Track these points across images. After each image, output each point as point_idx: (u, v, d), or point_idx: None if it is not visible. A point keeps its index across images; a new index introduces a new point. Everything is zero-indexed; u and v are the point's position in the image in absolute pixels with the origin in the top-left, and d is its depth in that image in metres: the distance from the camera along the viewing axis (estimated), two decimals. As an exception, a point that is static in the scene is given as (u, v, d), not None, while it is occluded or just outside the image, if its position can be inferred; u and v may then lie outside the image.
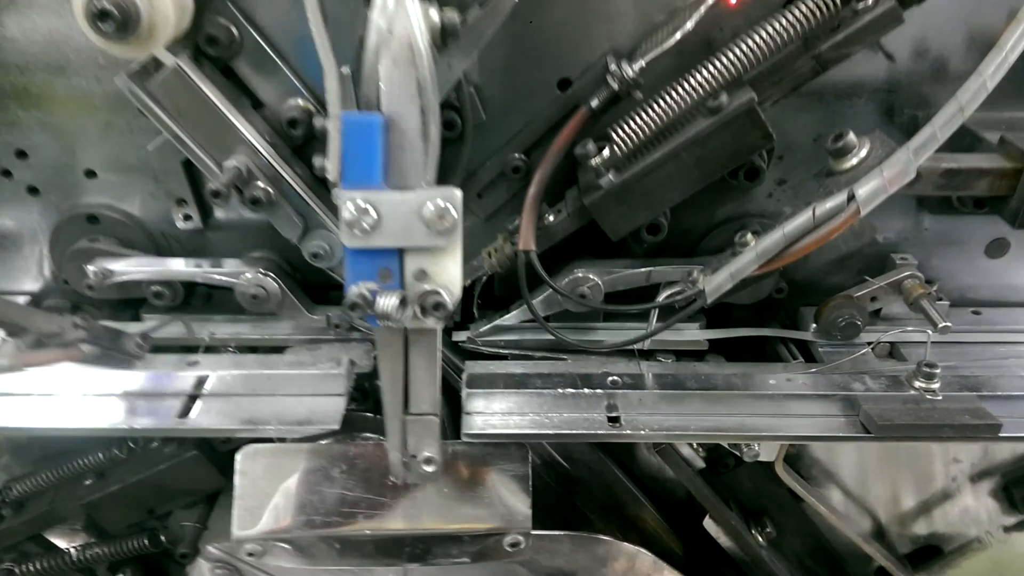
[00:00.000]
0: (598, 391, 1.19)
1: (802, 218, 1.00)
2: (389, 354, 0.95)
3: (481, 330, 1.30)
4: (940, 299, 1.31)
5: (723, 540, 1.57)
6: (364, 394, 1.33)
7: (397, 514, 1.17)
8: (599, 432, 1.13)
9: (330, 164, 0.89)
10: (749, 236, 1.09)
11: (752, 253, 1.03)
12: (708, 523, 1.53)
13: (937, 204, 1.26)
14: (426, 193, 0.87)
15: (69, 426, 1.13)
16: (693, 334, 1.32)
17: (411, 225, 0.88)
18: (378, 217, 0.87)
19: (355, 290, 0.86)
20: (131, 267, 1.25)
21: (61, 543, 1.53)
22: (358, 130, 0.88)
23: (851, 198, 0.96)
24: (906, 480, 1.57)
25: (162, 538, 1.47)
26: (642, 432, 1.13)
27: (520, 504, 1.18)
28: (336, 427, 1.14)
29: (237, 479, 1.16)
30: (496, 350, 1.31)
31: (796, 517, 1.59)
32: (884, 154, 0.99)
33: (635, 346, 1.24)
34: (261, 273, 1.23)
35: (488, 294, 1.37)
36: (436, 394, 0.99)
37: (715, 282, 1.07)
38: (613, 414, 1.15)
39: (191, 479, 1.38)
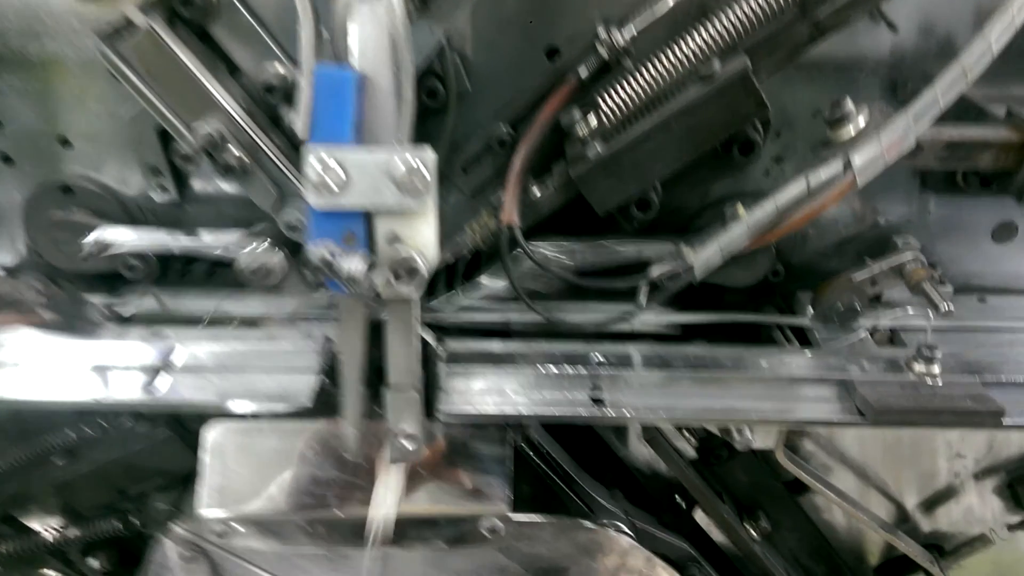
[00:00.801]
0: (582, 371, 1.14)
1: (795, 188, 0.95)
2: (351, 324, 0.90)
3: (459, 306, 1.25)
4: (943, 284, 1.25)
5: (715, 534, 1.52)
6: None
7: (370, 496, 1.12)
8: (582, 414, 1.08)
9: (298, 118, 0.84)
10: (740, 208, 1.04)
11: (743, 226, 0.98)
12: (699, 515, 1.48)
13: (941, 183, 1.20)
14: (397, 152, 0.83)
15: (29, 398, 1.09)
16: (681, 318, 1.26)
17: (381, 185, 0.83)
18: (346, 176, 0.83)
19: (318, 252, 0.82)
20: (128, 238, 1.21)
21: (35, 526, 1.49)
22: (330, 83, 0.84)
23: (847, 166, 0.91)
24: (907, 476, 1.51)
25: (135, 521, 1.43)
26: (627, 414, 1.08)
27: (499, 487, 1.13)
28: (308, 404, 1.09)
29: (204, 456, 1.12)
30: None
31: (792, 512, 1.54)
32: (884, 124, 0.94)
33: (621, 327, 1.19)
34: (267, 247, 1.17)
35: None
36: (416, 367, 0.95)
37: (703, 256, 1.03)
38: (597, 395, 1.11)
39: (164, 460, 1.33)
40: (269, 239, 1.11)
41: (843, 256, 1.30)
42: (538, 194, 1.16)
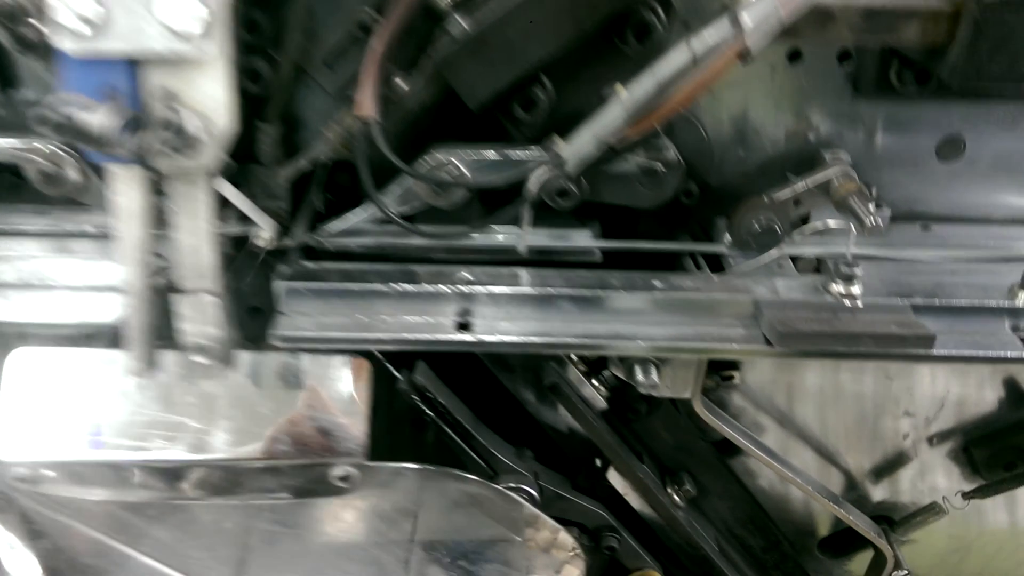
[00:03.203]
0: (449, 291, 0.98)
1: (678, 57, 0.79)
2: (126, 205, 0.74)
3: (328, 231, 1.08)
4: (880, 207, 1.10)
5: (632, 499, 1.36)
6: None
7: (200, 439, 0.96)
8: (443, 338, 0.92)
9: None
10: (619, 87, 0.87)
11: (618, 106, 0.82)
12: (613, 476, 1.32)
13: (874, 85, 1.04)
14: (168, -16, 0.67)
15: None
16: (583, 242, 1.10)
17: (146, 25, 0.67)
18: (104, 12, 0.67)
19: (56, 104, 0.65)
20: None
21: None
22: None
23: (735, 26, 0.75)
24: (851, 437, 1.36)
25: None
26: (495, 340, 0.92)
27: (352, 428, 0.97)
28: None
29: (3, 389, 0.95)
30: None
31: (721, 476, 1.38)
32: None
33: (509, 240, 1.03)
34: (56, 147, 1.01)
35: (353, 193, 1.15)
36: (212, 264, 0.79)
37: (576, 145, 0.86)
38: (464, 319, 0.95)
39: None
40: (61, 142, 0.94)
41: (768, 177, 1.14)
42: (405, 87, 0.99)
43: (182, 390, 0.96)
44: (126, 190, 0.73)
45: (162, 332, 0.82)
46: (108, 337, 0.98)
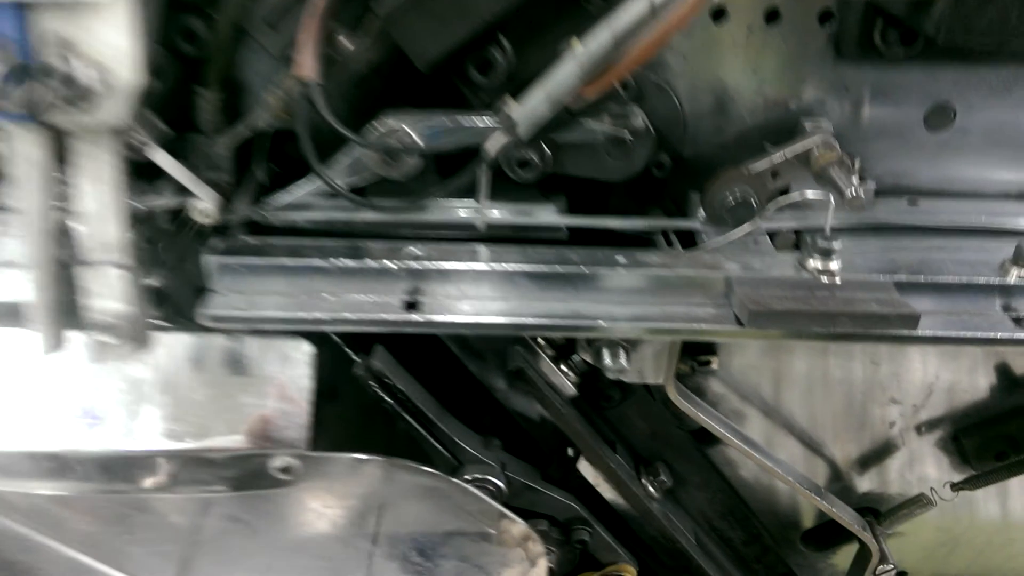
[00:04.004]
0: (397, 268, 0.90)
1: (635, 6, 0.71)
2: (22, 169, 0.66)
3: (273, 205, 1.01)
4: (864, 180, 1.03)
5: (606, 490, 1.30)
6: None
7: (127, 427, 0.89)
8: (388, 318, 0.85)
9: None
10: (574, 42, 0.80)
11: (572, 62, 0.75)
12: (584, 467, 1.26)
13: (857, 47, 0.97)
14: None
15: None
16: (547, 218, 1.03)
17: (32, -38, 0.60)
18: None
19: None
20: None
21: None
22: None
23: (699, -31, 0.68)
24: (835, 425, 1.30)
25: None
26: (445, 321, 0.85)
27: (294, 416, 0.90)
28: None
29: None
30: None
31: (699, 467, 1.32)
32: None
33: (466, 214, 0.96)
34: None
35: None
36: (119, 233, 0.71)
37: (528, 106, 0.79)
38: (413, 298, 0.88)
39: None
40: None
41: (745, 147, 1.07)
42: (350, 46, 0.92)
43: (107, 373, 0.89)
44: (22, 150, 0.66)
45: (71, 309, 0.75)
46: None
